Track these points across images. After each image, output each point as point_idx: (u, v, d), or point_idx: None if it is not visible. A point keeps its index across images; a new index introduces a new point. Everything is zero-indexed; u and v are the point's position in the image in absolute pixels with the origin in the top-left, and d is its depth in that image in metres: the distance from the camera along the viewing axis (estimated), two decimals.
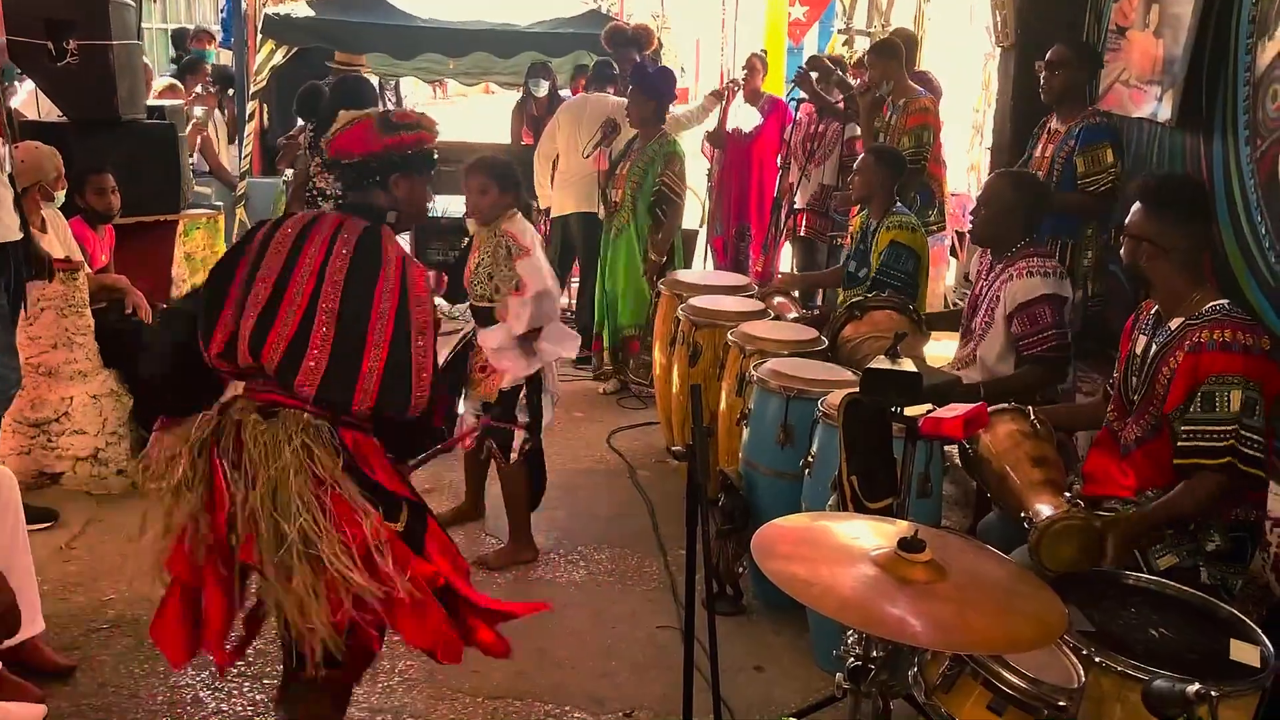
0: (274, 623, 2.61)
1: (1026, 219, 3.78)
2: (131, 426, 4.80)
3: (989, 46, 6.79)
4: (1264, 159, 3.75)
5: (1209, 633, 2.28)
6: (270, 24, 7.71)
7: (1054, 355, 3.64)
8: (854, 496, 2.84)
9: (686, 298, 4.87)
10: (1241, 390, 2.60)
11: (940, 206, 6.12)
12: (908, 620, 1.80)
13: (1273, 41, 3.72)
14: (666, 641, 3.63)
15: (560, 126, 6.76)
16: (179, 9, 14.08)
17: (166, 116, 5.69)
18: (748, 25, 12.61)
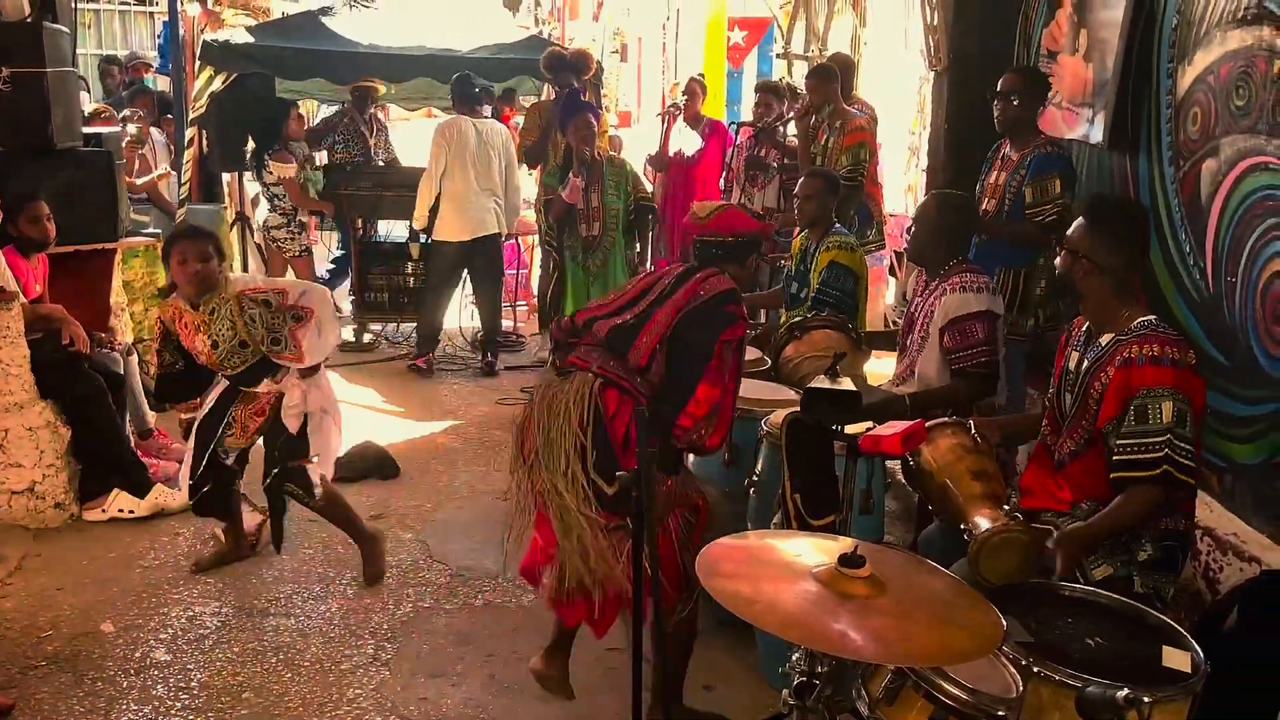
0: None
1: (957, 238, 3.87)
2: (69, 459, 4.72)
3: (923, 70, 6.92)
4: (1186, 179, 3.87)
5: (1142, 640, 2.33)
6: (209, 50, 7.65)
7: (983, 370, 3.71)
8: (797, 514, 2.88)
9: None
10: (1172, 402, 2.67)
11: (879, 226, 6.23)
12: (849, 635, 1.83)
13: (1191, 66, 3.85)
14: (616, 663, 3.64)
15: (451, 150, 6.80)
16: (115, 35, 13.89)
17: (104, 144, 5.62)
18: (688, 50, 12.73)
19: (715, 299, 3.07)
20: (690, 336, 3.02)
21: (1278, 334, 3.36)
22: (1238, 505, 3.58)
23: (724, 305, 3.07)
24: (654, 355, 3.03)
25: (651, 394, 3.02)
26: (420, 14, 8.32)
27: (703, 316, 3.05)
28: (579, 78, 6.86)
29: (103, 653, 3.68)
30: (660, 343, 3.03)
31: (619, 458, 2.92)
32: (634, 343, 3.05)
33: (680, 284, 3.12)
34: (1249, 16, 3.51)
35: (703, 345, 3.01)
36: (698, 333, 3.03)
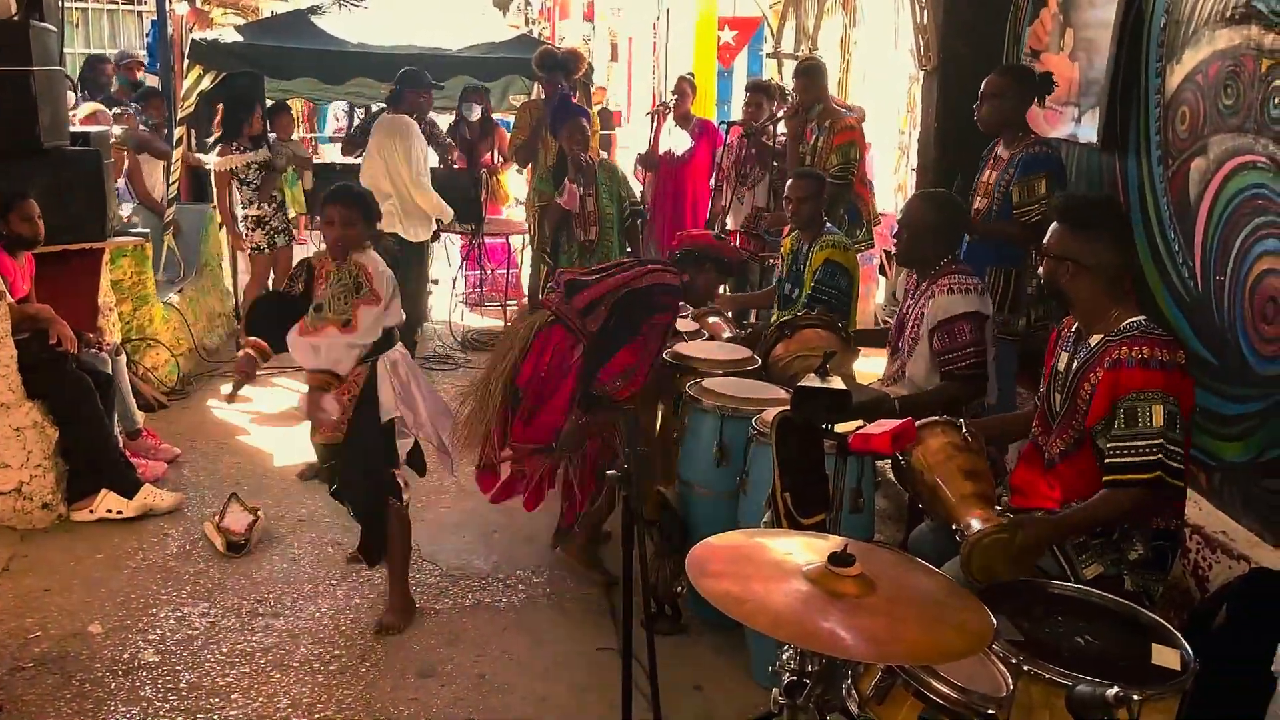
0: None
1: (945, 238, 3.86)
2: (56, 460, 4.70)
3: (913, 69, 6.94)
4: (1175, 178, 3.88)
5: (1132, 639, 2.34)
6: (198, 49, 7.62)
7: (972, 373, 3.71)
8: (787, 513, 2.88)
9: None
10: (1162, 405, 2.66)
11: (868, 225, 6.23)
12: (839, 634, 1.83)
13: (1180, 65, 3.86)
14: (606, 663, 3.63)
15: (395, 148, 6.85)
16: (103, 34, 13.83)
17: (92, 143, 5.59)
18: (678, 49, 12.73)
19: (657, 287, 4.04)
20: (625, 311, 3.97)
21: (1266, 333, 3.37)
22: (1226, 504, 3.59)
23: (662, 295, 4.05)
24: (592, 306, 3.99)
25: (587, 339, 3.98)
26: (410, 13, 8.29)
27: (642, 298, 3.99)
28: (569, 77, 6.85)
29: (91, 654, 3.67)
30: (601, 298, 3.98)
31: (530, 365, 4.01)
32: (582, 291, 4.02)
33: (638, 266, 4.11)
34: (1237, 16, 3.52)
35: (632, 320, 3.97)
36: (632, 310, 3.97)
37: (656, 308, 4.03)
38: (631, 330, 3.97)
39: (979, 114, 4.41)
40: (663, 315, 4.08)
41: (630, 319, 3.99)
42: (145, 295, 6.51)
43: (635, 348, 3.97)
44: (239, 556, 4.40)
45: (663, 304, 4.06)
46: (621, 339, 3.96)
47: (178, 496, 4.91)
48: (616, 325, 3.99)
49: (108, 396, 4.96)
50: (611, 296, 4.00)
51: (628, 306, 4.00)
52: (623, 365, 3.94)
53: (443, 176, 8.09)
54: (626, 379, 3.96)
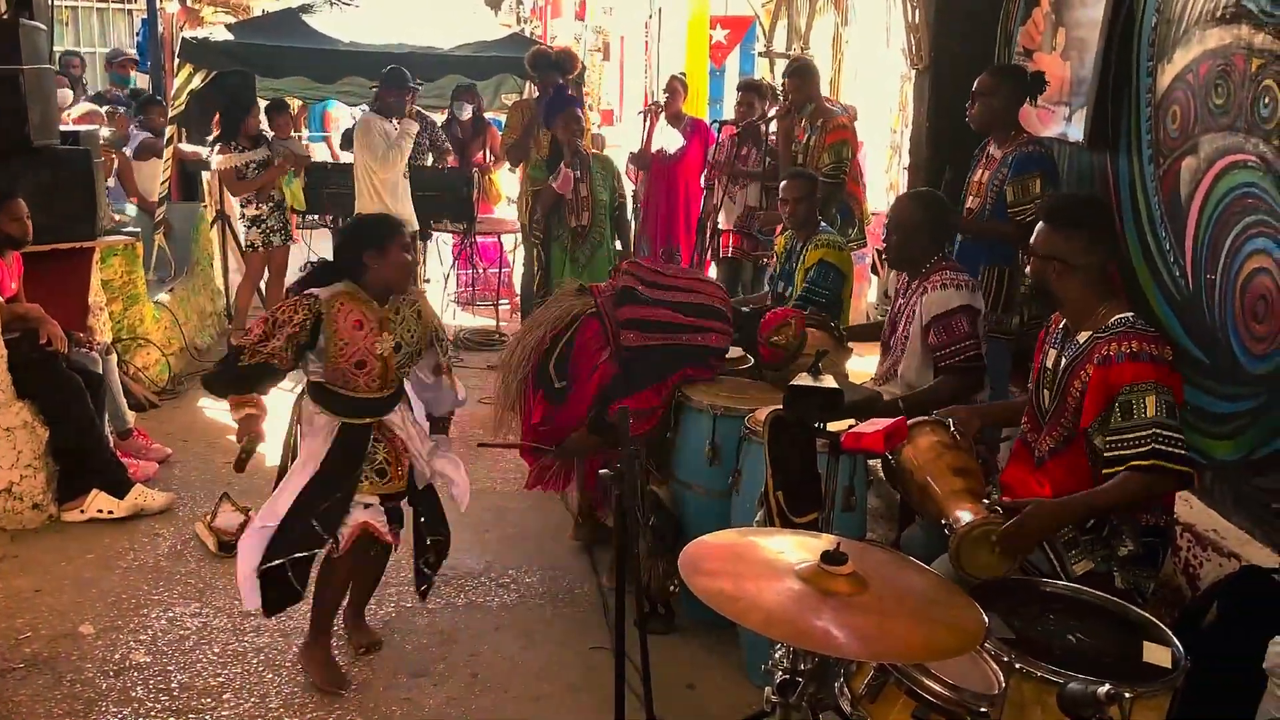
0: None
1: (934, 236, 3.87)
2: (47, 460, 4.69)
3: (905, 68, 6.94)
4: (1166, 176, 3.89)
5: (1123, 636, 2.34)
6: (188, 48, 7.60)
7: (970, 365, 3.72)
8: (780, 512, 2.88)
9: None
10: (1156, 395, 2.67)
11: (860, 224, 6.24)
12: (832, 632, 1.83)
13: (1171, 64, 3.87)
14: (599, 662, 3.63)
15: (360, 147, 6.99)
16: (93, 32, 13.79)
17: (82, 142, 5.57)
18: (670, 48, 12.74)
19: (706, 350, 4.00)
20: (666, 356, 3.92)
21: (1257, 331, 3.38)
22: (1217, 502, 3.60)
23: (710, 357, 4.02)
24: (636, 325, 3.93)
25: (616, 350, 3.93)
26: (402, 12, 8.29)
27: (687, 351, 3.95)
28: (564, 76, 6.85)
29: (82, 654, 3.65)
30: (647, 321, 3.92)
31: (568, 363, 3.93)
32: (632, 305, 3.95)
33: (699, 311, 4.02)
34: (1227, 15, 3.52)
35: (668, 367, 3.93)
36: (673, 357, 3.93)
37: (698, 361, 4.01)
38: (661, 377, 3.93)
39: (970, 113, 4.41)
40: (704, 370, 4.03)
41: (667, 367, 3.94)
42: (136, 294, 6.49)
43: (661, 389, 3.93)
44: (231, 556, 4.37)
45: (710, 364, 4.05)
46: (650, 380, 3.92)
47: (169, 496, 4.90)
48: (651, 365, 3.94)
49: (98, 396, 4.94)
50: (659, 331, 3.94)
51: (671, 356, 3.95)
52: (643, 403, 3.88)
53: (434, 175, 8.09)
54: (643, 418, 3.88)
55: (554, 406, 3.98)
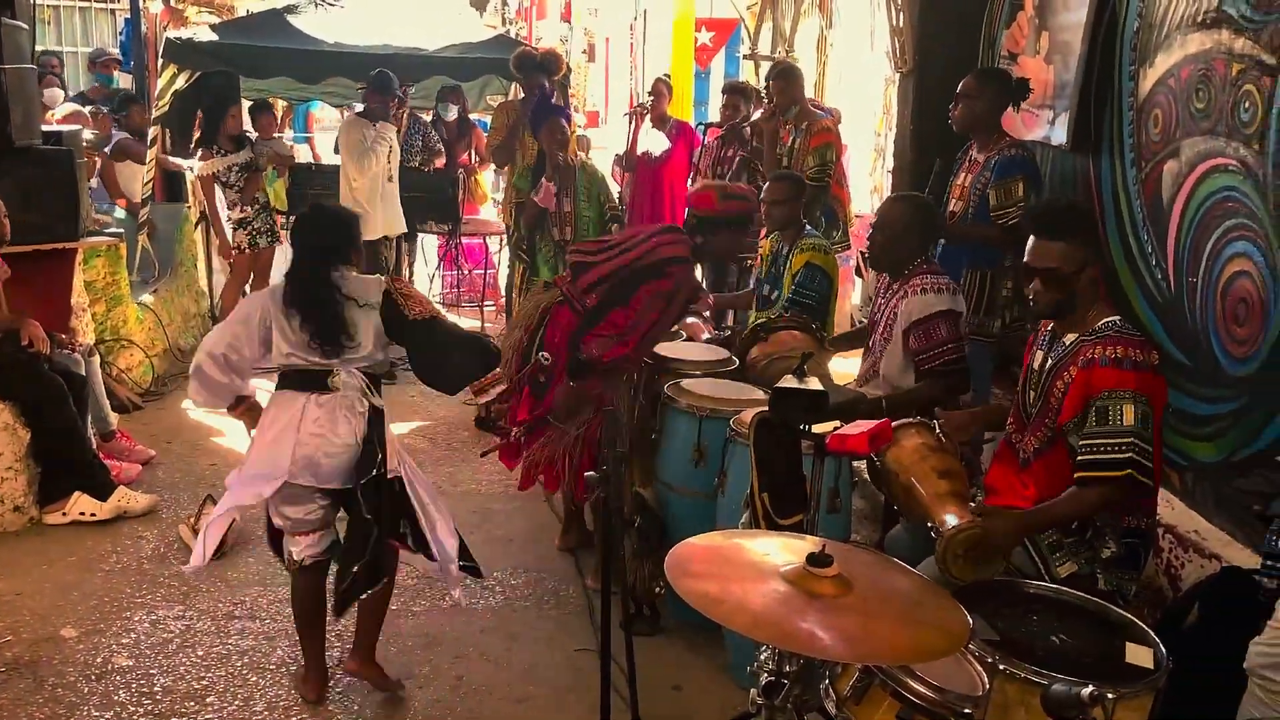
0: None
1: (921, 239, 3.88)
2: (28, 462, 4.66)
3: (889, 71, 6.97)
4: (1148, 180, 3.92)
5: (1106, 637, 2.36)
6: (172, 48, 7.56)
7: (951, 369, 3.74)
8: (765, 513, 2.89)
9: None
10: (1134, 404, 2.69)
11: (844, 227, 6.25)
12: (817, 634, 1.83)
13: (1153, 69, 3.90)
14: (585, 664, 3.63)
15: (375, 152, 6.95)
16: (75, 32, 13.71)
17: (65, 143, 5.54)
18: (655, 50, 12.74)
19: (664, 261, 3.94)
20: (622, 284, 3.90)
21: (1238, 334, 3.41)
22: (1199, 503, 3.62)
23: (665, 266, 3.93)
24: (597, 285, 3.95)
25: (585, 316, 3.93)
26: (386, 12, 8.27)
27: (640, 275, 3.90)
28: (549, 78, 6.84)
29: (64, 658, 3.63)
30: (606, 276, 3.93)
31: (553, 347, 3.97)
32: (588, 271, 3.99)
33: (648, 240, 4.00)
34: (1208, 20, 3.55)
35: (629, 289, 3.89)
36: (627, 281, 3.90)
37: (659, 276, 3.94)
38: (622, 300, 3.91)
39: (953, 116, 4.43)
40: (663, 281, 3.93)
41: (625, 289, 3.92)
42: (119, 296, 6.46)
43: (627, 312, 3.90)
44: (214, 559, 4.36)
45: (667, 272, 3.96)
46: (612, 305, 3.91)
47: (152, 499, 4.87)
48: (610, 294, 3.94)
49: (81, 398, 4.91)
50: (616, 276, 3.97)
51: (626, 280, 3.95)
52: (611, 327, 3.88)
53: (419, 177, 8.07)
54: (615, 340, 3.86)
55: (538, 400, 4.02)
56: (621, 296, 3.92)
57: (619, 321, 3.89)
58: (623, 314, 3.90)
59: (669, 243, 4.03)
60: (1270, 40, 3.24)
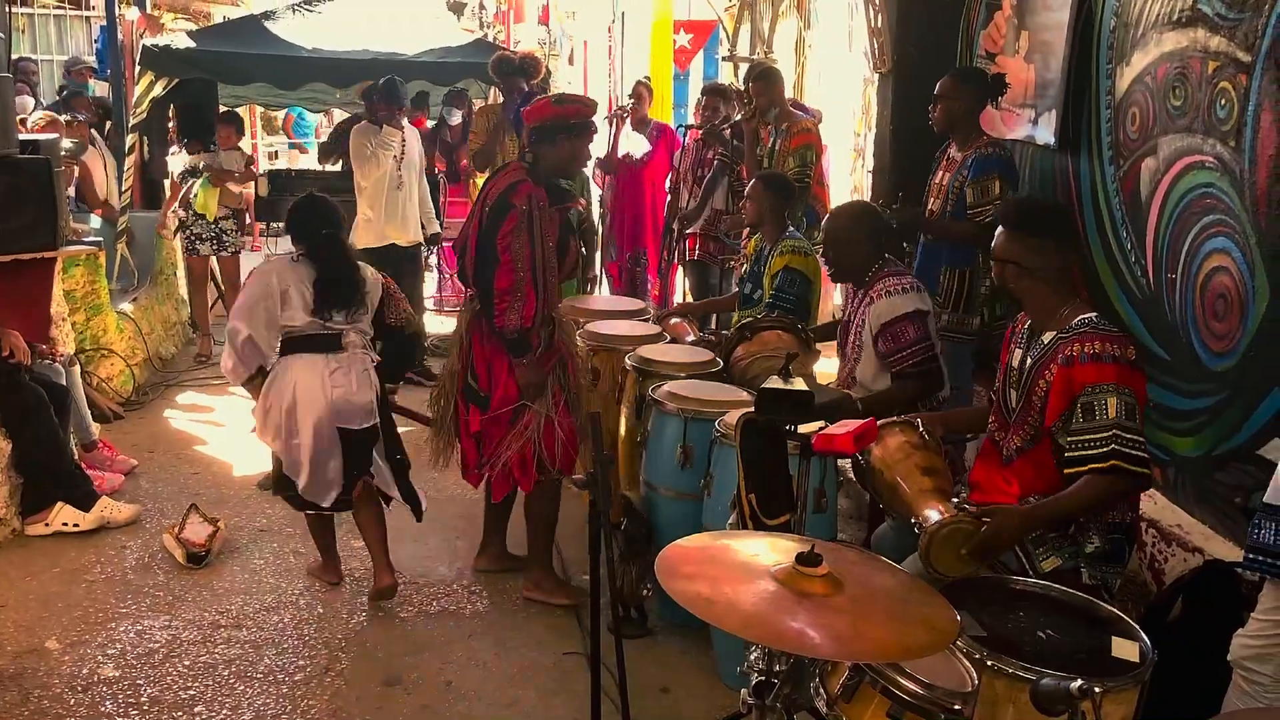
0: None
1: (871, 244, 3.92)
2: (9, 473, 4.63)
3: (868, 72, 6.99)
4: (1126, 177, 3.95)
5: (1092, 631, 2.38)
6: (149, 56, 7.52)
7: (923, 369, 3.76)
8: (752, 514, 2.89)
9: (584, 323, 4.90)
10: (1117, 397, 2.72)
11: None
12: (807, 633, 1.84)
13: (1130, 67, 3.93)
14: (573, 667, 3.64)
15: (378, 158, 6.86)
16: (50, 40, 13.62)
17: (41, 151, 5.50)
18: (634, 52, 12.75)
19: (496, 204, 3.78)
20: (485, 251, 3.79)
21: (1217, 329, 3.44)
22: (1180, 497, 3.65)
23: (501, 201, 3.77)
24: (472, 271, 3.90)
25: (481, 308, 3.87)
26: (364, 18, 8.25)
27: (491, 229, 3.76)
28: (528, 82, 6.84)
29: (49, 670, 3.61)
30: (474, 266, 3.87)
31: (477, 364, 3.94)
32: (463, 267, 3.95)
33: (483, 206, 3.85)
34: (1184, 18, 3.58)
35: (491, 252, 3.76)
36: (485, 246, 3.78)
37: (500, 216, 3.75)
38: (495, 260, 3.74)
39: (932, 116, 4.47)
40: (507, 220, 3.73)
41: (488, 253, 3.77)
42: (99, 304, 6.42)
43: (505, 270, 3.73)
44: (199, 568, 4.35)
45: (508, 204, 3.75)
46: (490, 273, 3.75)
47: (135, 508, 4.85)
48: (481, 268, 3.81)
49: (62, 408, 4.88)
50: (478, 249, 3.86)
51: (482, 248, 3.81)
52: (508, 292, 3.73)
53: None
54: (518, 303, 3.73)
55: (483, 412, 3.97)
56: (491, 259, 3.75)
57: (505, 285, 3.72)
58: (503, 274, 3.73)
59: (497, 182, 3.88)
60: (1245, 38, 3.28)
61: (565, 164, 3.98)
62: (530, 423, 3.91)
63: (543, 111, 3.93)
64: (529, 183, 3.81)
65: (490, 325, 3.82)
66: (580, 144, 3.97)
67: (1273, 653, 2.46)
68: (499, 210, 3.76)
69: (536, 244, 3.77)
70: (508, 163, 4.13)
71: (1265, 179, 3.19)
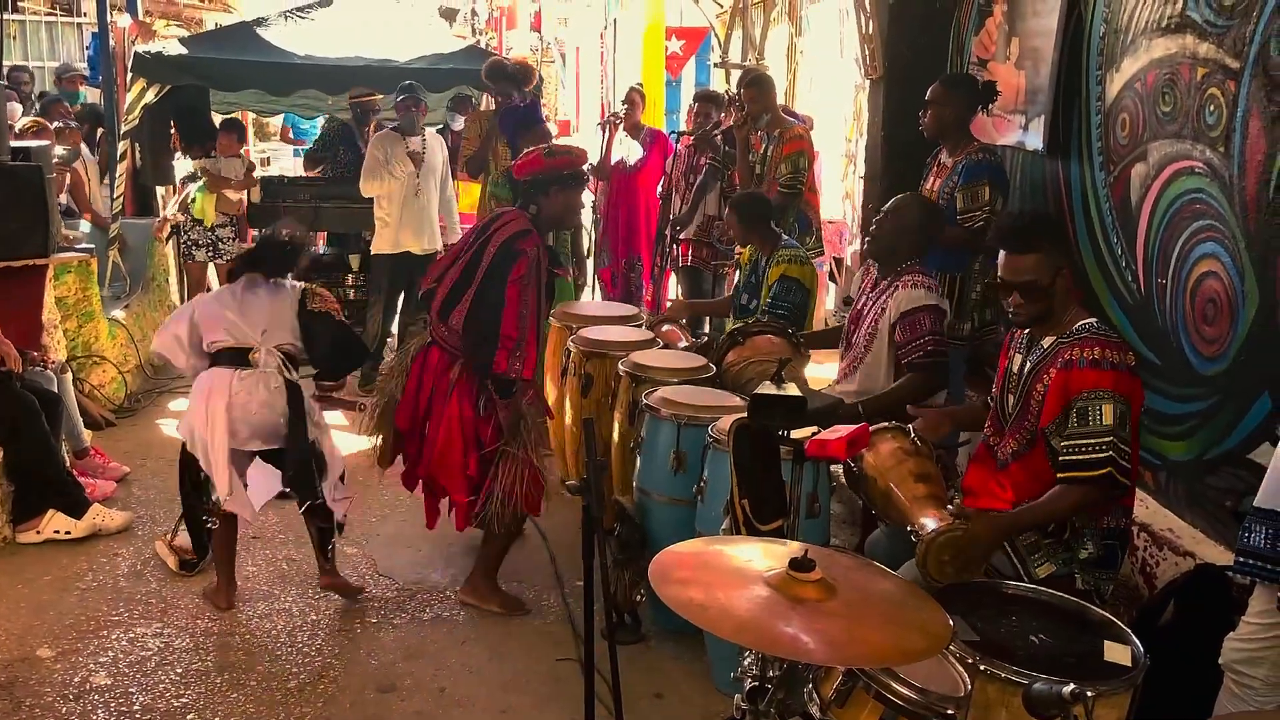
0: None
1: (924, 239, 3.96)
2: (1, 481, 4.61)
3: (859, 78, 7.02)
4: (1116, 183, 3.97)
5: (1084, 636, 2.39)
6: (141, 62, 7.51)
7: (931, 361, 3.78)
8: (746, 519, 2.89)
9: (576, 329, 4.90)
10: (1113, 404, 2.73)
11: (817, 233, 6.29)
12: (801, 638, 1.85)
13: (1119, 73, 3.95)
14: (567, 674, 3.64)
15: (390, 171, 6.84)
16: (41, 47, 13.60)
17: (33, 158, 5.49)
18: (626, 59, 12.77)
19: (504, 246, 3.80)
20: (488, 292, 3.78)
21: (1207, 334, 3.45)
22: (1172, 501, 3.67)
23: (512, 247, 3.79)
24: (448, 305, 3.87)
25: (463, 345, 3.84)
26: (357, 24, 8.24)
27: (498, 272, 3.77)
28: (520, 89, 6.85)
29: (40, 678, 3.60)
30: (452, 293, 3.86)
31: (414, 396, 3.96)
32: (435, 299, 3.92)
33: (485, 246, 3.85)
34: (1173, 25, 3.60)
35: (494, 295, 3.76)
36: (493, 287, 3.77)
37: (511, 261, 3.77)
38: (500, 304, 3.75)
39: (923, 122, 4.48)
40: (518, 266, 3.76)
41: (495, 295, 3.77)
42: (91, 311, 6.40)
43: (511, 315, 3.74)
44: (192, 575, 4.34)
45: (515, 254, 3.78)
46: (496, 317, 3.75)
47: (127, 516, 4.84)
48: (486, 309, 3.79)
49: (54, 415, 4.87)
50: (465, 286, 3.84)
51: (488, 289, 3.80)
52: (511, 340, 3.74)
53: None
54: (519, 354, 3.75)
55: (424, 446, 4.01)
56: (495, 303, 3.76)
57: (511, 333, 3.74)
58: (509, 318, 3.74)
59: (506, 224, 3.88)
60: (1234, 44, 3.29)
61: (562, 215, 4.06)
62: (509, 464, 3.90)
63: (534, 165, 3.96)
64: (536, 234, 3.87)
65: (480, 366, 3.80)
66: (574, 194, 4.07)
67: (1264, 656, 2.47)
68: (509, 254, 3.78)
69: (541, 298, 3.86)
70: (504, 211, 4.07)
71: (1254, 184, 3.21)
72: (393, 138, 6.88)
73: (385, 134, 6.97)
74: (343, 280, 7.94)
